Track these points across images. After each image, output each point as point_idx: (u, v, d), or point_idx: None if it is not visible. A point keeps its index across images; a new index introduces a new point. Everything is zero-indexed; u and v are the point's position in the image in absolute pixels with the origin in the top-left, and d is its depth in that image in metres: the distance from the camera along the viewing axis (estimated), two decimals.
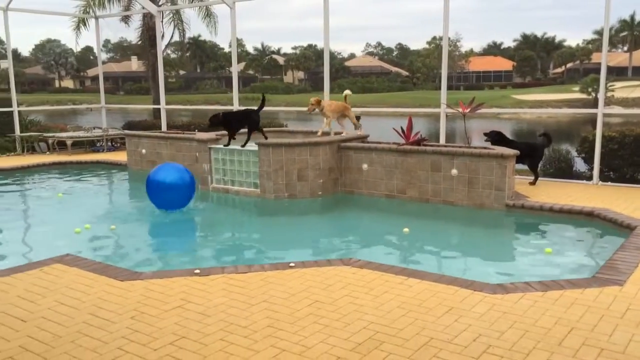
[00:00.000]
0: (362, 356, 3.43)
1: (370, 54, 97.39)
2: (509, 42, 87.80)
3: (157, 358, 3.44)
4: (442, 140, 9.95)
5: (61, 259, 5.36)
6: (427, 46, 73.70)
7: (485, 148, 8.07)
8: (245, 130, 8.89)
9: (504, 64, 77.03)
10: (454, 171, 7.87)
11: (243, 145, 8.92)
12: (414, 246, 6.56)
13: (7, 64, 14.79)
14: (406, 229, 6.76)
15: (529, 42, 78.89)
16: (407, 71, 77.51)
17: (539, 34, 79.09)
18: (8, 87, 16.13)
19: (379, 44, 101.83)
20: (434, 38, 72.44)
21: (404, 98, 50.63)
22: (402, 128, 8.65)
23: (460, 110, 8.69)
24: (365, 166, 8.69)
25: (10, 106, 14.48)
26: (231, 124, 9.00)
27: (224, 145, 9.18)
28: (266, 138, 8.76)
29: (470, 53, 74.46)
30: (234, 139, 9.10)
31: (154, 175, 7.86)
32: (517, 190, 8.10)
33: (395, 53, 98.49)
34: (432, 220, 7.72)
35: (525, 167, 9.01)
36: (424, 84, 69.59)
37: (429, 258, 6.14)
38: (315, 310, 4.15)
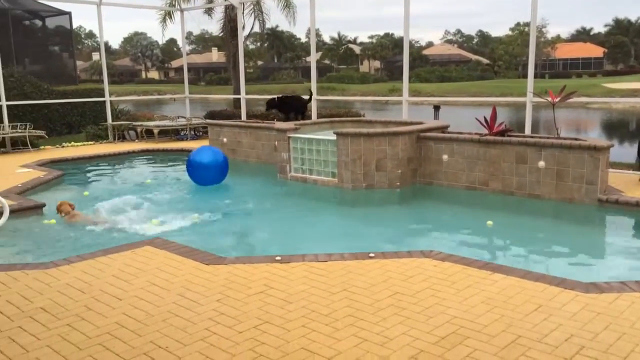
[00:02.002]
0: (446, 350, 3.37)
1: (449, 41, 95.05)
2: (599, 28, 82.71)
3: (242, 340, 3.54)
4: (528, 131, 9.54)
5: (151, 242, 5.63)
6: (510, 33, 70.98)
7: (576, 139, 7.65)
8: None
9: (594, 51, 72.76)
10: (541, 163, 7.52)
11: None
12: (498, 240, 6.35)
13: (99, 56, 15.69)
14: (490, 222, 6.55)
15: (621, 27, 74.15)
16: (488, 59, 74.99)
17: (633, 19, 74.11)
18: (100, 79, 17.08)
19: (459, 31, 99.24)
20: (518, 24, 69.63)
21: (484, 87, 49.03)
22: (485, 118, 8.37)
23: (550, 99, 8.28)
24: (445, 157, 8.49)
25: (103, 96, 15.36)
26: (283, 107, 10.72)
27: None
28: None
29: (557, 39, 70.95)
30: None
31: (193, 157, 9.29)
32: (612, 185, 7.64)
33: (475, 40, 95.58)
34: (517, 214, 7.43)
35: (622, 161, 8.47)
36: (505, 73, 67.08)
37: (514, 253, 5.92)
38: (396, 302, 4.11)
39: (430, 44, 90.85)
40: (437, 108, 14.41)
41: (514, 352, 3.34)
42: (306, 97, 11.82)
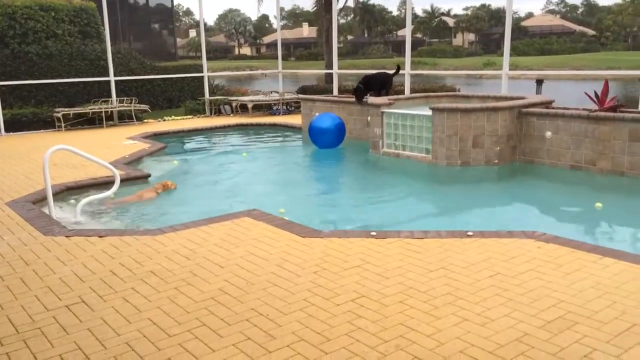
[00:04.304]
0: (553, 335, 3.21)
1: (551, 11, 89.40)
2: None
3: (340, 313, 3.57)
4: None
5: (249, 213, 5.79)
6: (620, 1, 65.58)
7: None
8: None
9: None
10: None
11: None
12: (608, 223, 5.95)
13: (196, 33, 16.30)
14: (599, 204, 6.14)
15: None
16: (594, 30, 69.87)
17: None
18: (197, 55, 17.64)
19: (562, 0, 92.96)
20: None
21: (589, 60, 45.83)
22: (595, 92, 7.81)
23: None
24: (549, 134, 8.04)
25: (201, 72, 15.92)
26: (371, 85, 10.53)
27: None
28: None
29: None
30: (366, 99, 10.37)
31: (315, 123, 10.14)
32: None
33: (580, 10, 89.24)
34: (629, 196, 6.92)
35: None
36: (613, 44, 62.29)
37: (626, 237, 5.53)
38: (498, 283, 3.97)
39: (530, 15, 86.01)
40: (539, 82, 13.66)
41: (628, 340, 3.13)
42: (391, 71, 11.53)
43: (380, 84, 10.75)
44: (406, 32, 12.94)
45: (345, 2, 24.47)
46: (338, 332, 3.33)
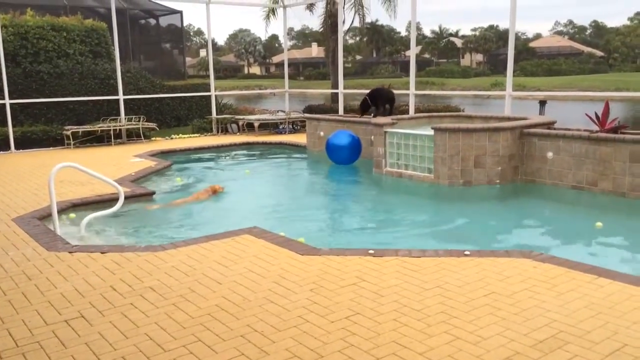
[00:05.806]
0: (544, 354, 3.24)
1: (559, 33, 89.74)
2: None
3: (334, 330, 3.61)
4: None
5: (250, 231, 5.86)
6: (628, 23, 65.83)
7: None
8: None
9: None
10: None
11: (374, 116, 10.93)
12: (606, 243, 5.96)
13: (206, 52, 16.52)
14: (599, 224, 6.16)
15: None
16: (602, 51, 70.02)
17: None
18: (206, 74, 17.90)
19: (570, 22, 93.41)
20: (638, 14, 64.31)
21: (597, 81, 45.86)
22: (596, 114, 7.87)
23: None
24: (550, 154, 8.08)
25: (209, 91, 16.13)
26: (377, 98, 11.24)
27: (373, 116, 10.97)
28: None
29: None
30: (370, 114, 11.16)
31: (332, 140, 10.44)
32: None
33: (588, 32, 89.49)
34: (629, 217, 6.93)
35: None
36: (621, 66, 62.32)
37: (624, 258, 5.53)
38: (492, 302, 4.00)
39: (538, 36, 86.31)
40: (542, 103, 13.75)
41: None
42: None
43: (386, 100, 11.32)
44: (411, 53, 13.07)
45: (352, 23, 24.78)
46: (331, 349, 3.37)
